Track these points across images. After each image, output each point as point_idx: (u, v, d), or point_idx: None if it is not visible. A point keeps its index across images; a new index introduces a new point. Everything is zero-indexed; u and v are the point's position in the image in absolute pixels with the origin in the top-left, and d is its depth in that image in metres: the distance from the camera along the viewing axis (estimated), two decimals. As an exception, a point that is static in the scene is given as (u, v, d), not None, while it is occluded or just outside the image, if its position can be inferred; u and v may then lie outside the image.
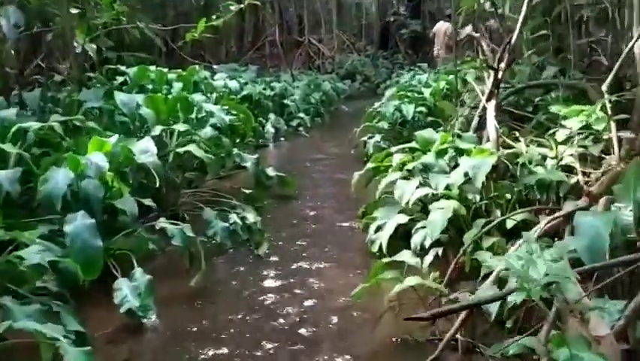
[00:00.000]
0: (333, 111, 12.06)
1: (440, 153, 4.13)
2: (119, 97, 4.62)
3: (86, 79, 6.24)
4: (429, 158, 4.11)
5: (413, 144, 4.73)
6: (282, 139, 9.16)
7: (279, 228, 4.88)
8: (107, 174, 3.74)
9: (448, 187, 3.76)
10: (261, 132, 8.52)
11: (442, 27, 13.12)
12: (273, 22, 19.36)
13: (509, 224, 3.35)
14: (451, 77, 7.23)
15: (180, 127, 4.47)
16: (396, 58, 20.31)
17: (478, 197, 3.71)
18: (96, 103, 5.01)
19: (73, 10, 6.04)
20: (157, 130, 4.30)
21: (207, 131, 4.93)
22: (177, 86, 7.20)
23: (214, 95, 7.50)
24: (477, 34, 6.51)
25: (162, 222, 3.70)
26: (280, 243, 4.54)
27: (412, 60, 20.11)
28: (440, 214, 3.38)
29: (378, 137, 7.16)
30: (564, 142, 3.93)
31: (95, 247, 3.21)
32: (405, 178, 4.24)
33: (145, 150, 3.92)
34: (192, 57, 12.89)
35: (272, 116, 9.16)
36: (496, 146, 4.25)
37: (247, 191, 5.52)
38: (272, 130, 8.92)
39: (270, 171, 5.89)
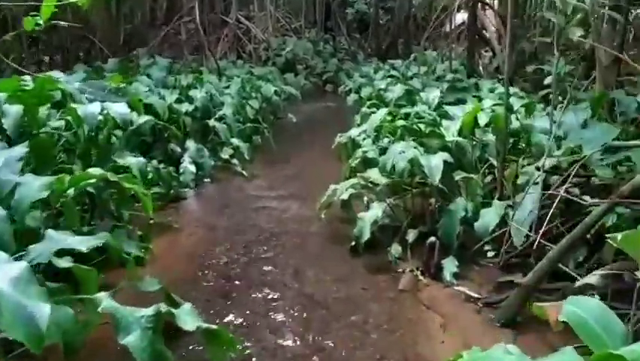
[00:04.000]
0: (277, 123, 8.92)
1: None
2: None
3: None
4: None
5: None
6: (208, 180, 5.98)
7: None
8: None
9: None
10: (171, 176, 5.32)
11: None
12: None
13: None
14: (495, 107, 4.32)
15: None
16: (340, 42, 17.30)
17: None
18: None
19: None
20: None
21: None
22: (12, 112, 3.94)
23: (87, 128, 4.22)
24: None
25: None
26: None
27: (359, 45, 17.21)
28: None
29: (377, 208, 4.17)
30: None
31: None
32: None
33: None
34: (78, 41, 9.30)
35: (191, 145, 5.94)
36: None
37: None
38: (192, 168, 5.73)
39: (191, 321, 2.81)
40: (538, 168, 3.42)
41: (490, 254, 3.80)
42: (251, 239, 4.52)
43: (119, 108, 4.24)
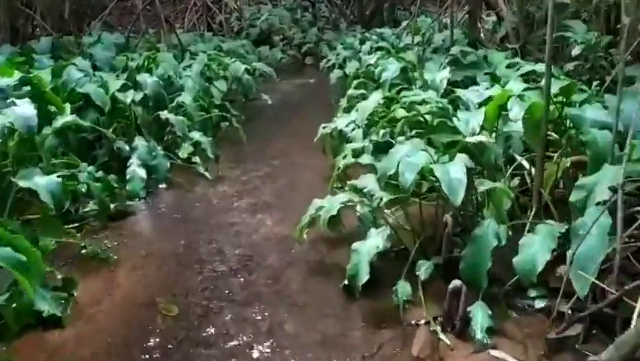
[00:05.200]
0: (250, 105, 7.75)
1: None
2: None
3: None
4: None
5: None
6: (163, 187, 4.86)
7: None
8: None
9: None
10: (111, 188, 4.18)
11: None
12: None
13: None
14: (529, 93, 3.25)
15: None
16: (320, 9, 15.95)
17: None
18: None
19: None
20: None
21: None
22: None
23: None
24: None
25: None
26: None
27: (341, 12, 15.90)
28: None
29: (377, 236, 3.13)
30: None
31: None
32: None
33: None
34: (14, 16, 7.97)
35: (140, 143, 4.80)
36: None
37: None
38: (141, 174, 4.61)
39: None
40: (614, 189, 2.38)
41: (539, 304, 2.77)
42: (211, 275, 3.45)
43: (21, 111, 3.09)
